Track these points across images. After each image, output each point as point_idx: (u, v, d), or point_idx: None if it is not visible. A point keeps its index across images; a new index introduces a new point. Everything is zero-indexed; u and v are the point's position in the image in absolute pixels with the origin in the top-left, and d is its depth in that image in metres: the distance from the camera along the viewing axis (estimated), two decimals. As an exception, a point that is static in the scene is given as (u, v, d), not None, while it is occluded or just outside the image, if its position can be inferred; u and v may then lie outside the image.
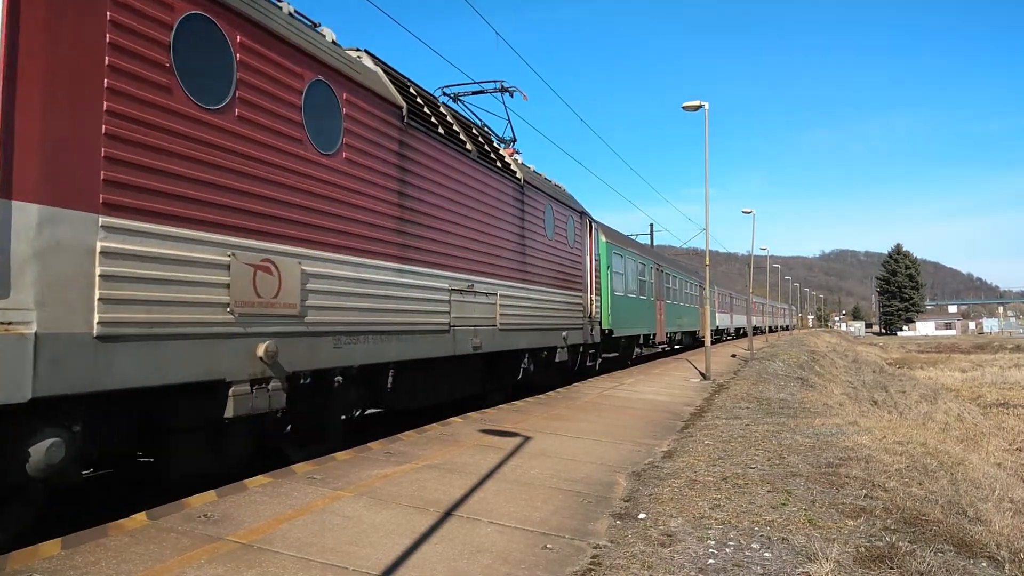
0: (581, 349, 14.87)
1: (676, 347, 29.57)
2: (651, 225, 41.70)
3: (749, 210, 33.55)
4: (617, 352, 18.62)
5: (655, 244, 41.96)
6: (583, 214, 15.24)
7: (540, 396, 11.98)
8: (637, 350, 20.97)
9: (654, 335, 22.11)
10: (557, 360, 12.91)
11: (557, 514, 4.94)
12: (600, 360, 16.88)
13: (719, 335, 40.03)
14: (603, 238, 17.07)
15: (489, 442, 7.43)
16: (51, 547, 3.82)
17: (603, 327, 16.30)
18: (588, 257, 15.20)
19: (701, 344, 31.21)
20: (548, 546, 4.26)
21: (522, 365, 11.69)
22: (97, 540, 3.96)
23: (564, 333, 12.98)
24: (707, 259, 18.80)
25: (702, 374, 17.16)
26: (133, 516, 4.43)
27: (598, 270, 16.08)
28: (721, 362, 22.18)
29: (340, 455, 6.48)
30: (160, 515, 4.46)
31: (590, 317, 14.92)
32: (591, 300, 15.12)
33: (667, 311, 24.37)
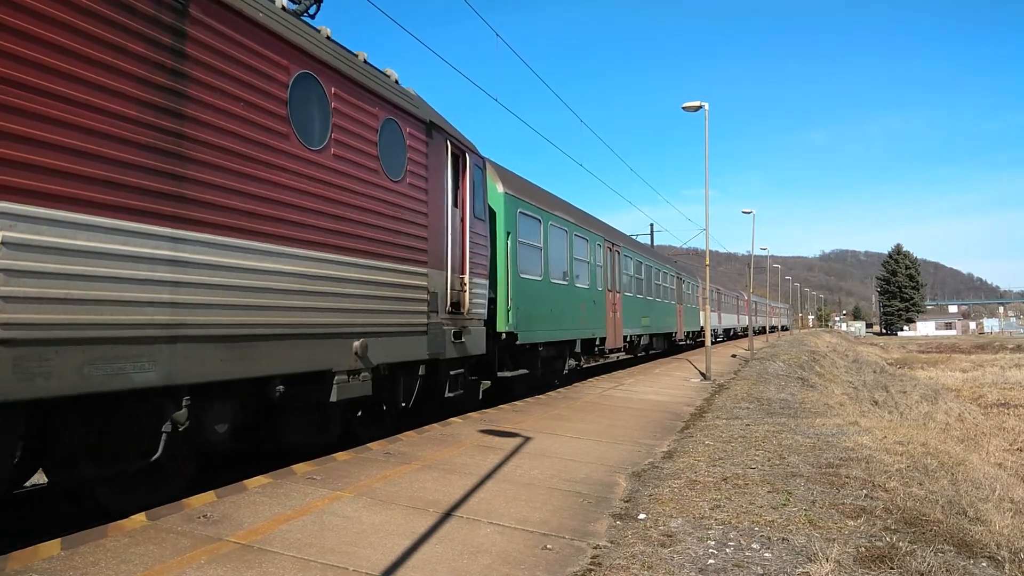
0: (423, 371, 8.24)
1: (646, 354, 24.33)
2: (651, 225, 41.69)
3: (749, 210, 33.61)
4: (530, 369, 12.04)
5: (655, 244, 41.92)
6: (434, 128, 8.44)
7: (540, 396, 11.97)
8: (572, 362, 14.60)
9: (602, 339, 16.29)
10: (337, 398, 6.60)
11: (557, 514, 4.94)
12: (486, 386, 11.05)
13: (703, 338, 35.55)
14: (500, 187, 10.91)
15: (489, 442, 7.42)
16: (51, 547, 3.82)
17: (501, 330, 10.59)
18: (449, 208, 8.69)
19: (679, 349, 28.39)
20: (548, 546, 4.26)
21: (164, 428, 4.96)
22: (97, 540, 3.96)
23: (358, 343, 6.76)
24: (707, 259, 18.81)
25: (702, 374, 17.15)
26: (133, 517, 4.43)
27: (488, 237, 10.02)
28: (721, 362, 22.17)
29: (340, 456, 6.47)
30: (160, 515, 4.46)
31: (456, 312, 8.84)
32: (461, 284, 9.01)
33: (626, 307, 18.38)
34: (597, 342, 16.00)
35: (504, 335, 10.74)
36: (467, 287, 9.16)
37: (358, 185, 6.89)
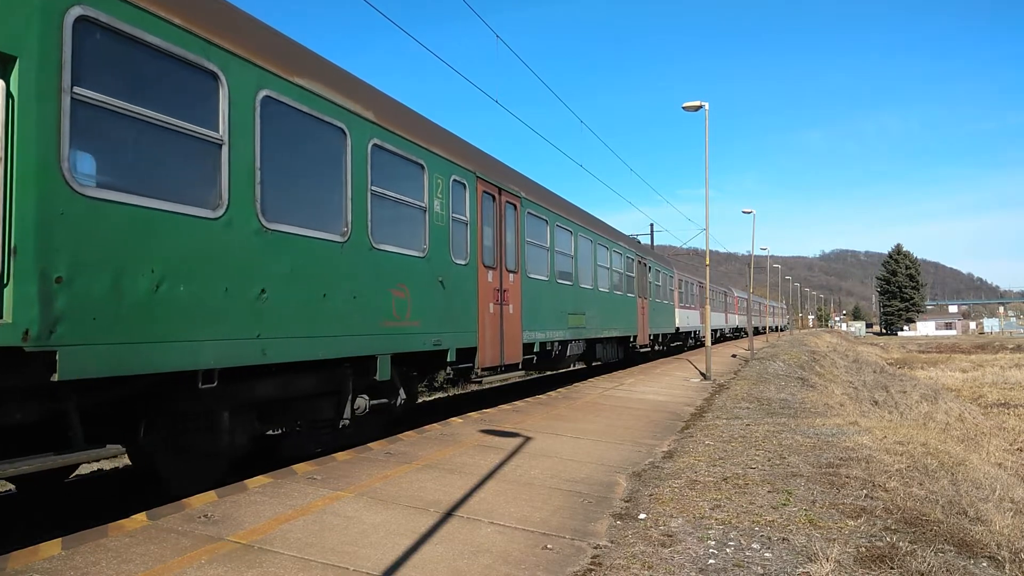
0: None
1: (558, 371, 17.57)
2: (651, 225, 41.67)
3: (749, 210, 33.61)
4: (193, 435, 5.67)
5: (655, 244, 41.90)
6: None
7: (540, 396, 11.98)
8: (364, 401, 7.41)
9: (466, 352, 9.43)
10: None
11: (557, 514, 4.94)
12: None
13: (681, 341, 29.11)
14: None
15: (489, 442, 7.42)
16: (51, 547, 3.82)
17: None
18: None
19: (640, 359, 22.96)
20: (548, 546, 4.26)
21: None
22: (97, 540, 3.96)
23: None
24: (707, 258, 18.81)
25: (702, 374, 17.17)
26: (133, 516, 4.43)
27: None
28: (722, 362, 22.17)
29: (340, 455, 6.48)
30: (160, 515, 4.46)
31: None
32: None
33: (532, 297, 11.82)
34: (450, 357, 8.89)
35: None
36: None
37: None
